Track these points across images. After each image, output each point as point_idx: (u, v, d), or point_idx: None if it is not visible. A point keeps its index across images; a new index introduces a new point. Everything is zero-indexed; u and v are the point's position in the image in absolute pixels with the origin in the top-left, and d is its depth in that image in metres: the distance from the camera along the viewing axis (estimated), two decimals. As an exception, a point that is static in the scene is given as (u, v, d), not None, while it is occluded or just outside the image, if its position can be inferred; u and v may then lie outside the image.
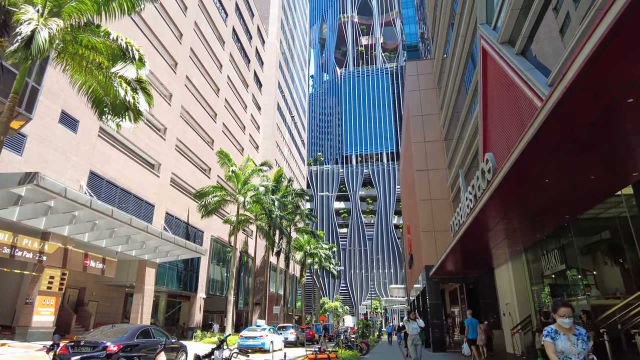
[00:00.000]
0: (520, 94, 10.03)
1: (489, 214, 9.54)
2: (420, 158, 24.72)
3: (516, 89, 10.34)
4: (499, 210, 9.27)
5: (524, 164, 7.07)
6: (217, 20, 39.45)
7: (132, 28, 25.62)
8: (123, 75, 11.49)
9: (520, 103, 10.16)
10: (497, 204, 8.93)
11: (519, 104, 10.27)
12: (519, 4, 10.00)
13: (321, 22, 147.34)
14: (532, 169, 7.23)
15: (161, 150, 28.61)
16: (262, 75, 54.47)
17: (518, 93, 10.25)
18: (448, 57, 22.99)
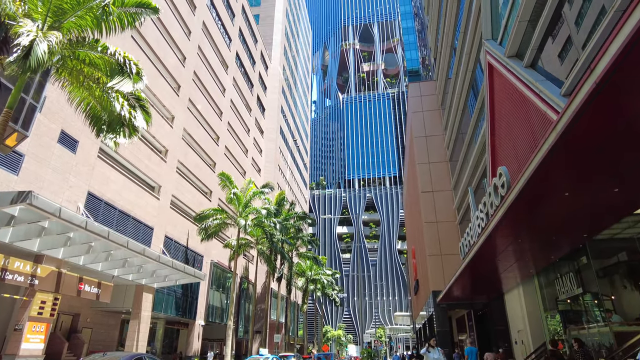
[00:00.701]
0: (532, 107, 9.63)
1: (502, 233, 8.97)
2: (425, 179, 24.25)
3: (527, 102, 9.96)
4: (514, 228, 8.71)
5: (542, 175, 6.59)
6: (220, 45, 39.94)
7: (136, 51, 25.75)
8: (119, 89, 11.21)
9: (532, 116, 9.75)
10: (512, 222, 8.38)
11: (530, 118, 9.86)
12: (527, 15, 9.76)
13: (323, 50, 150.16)
14: (550, 181, 6.73)
15: (162, 172, 28.28)
16: (265, 100, 54.83)
17: (529, 106, 9.86)
18: (452, 78, 22.87)
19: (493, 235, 9.07)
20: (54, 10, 11.37)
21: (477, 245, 10.49)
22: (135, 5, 12.74)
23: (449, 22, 20.37)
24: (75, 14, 11.28)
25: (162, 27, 29.24)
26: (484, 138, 15.80)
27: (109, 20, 12.31)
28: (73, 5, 11.09)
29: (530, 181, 6.79)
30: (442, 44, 23.27)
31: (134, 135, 12.36)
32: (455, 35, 20.04)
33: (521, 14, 9.89)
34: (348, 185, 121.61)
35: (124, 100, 12.10)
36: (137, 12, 12.73)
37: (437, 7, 24.47)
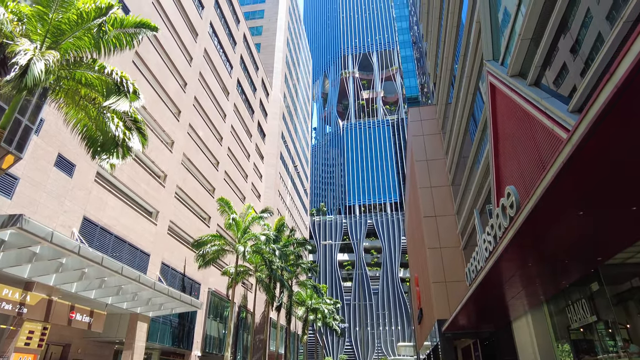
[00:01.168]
0: (537, 125, 9.37)
1: (512, 256, 8.52)
2: (427, 204, 23.85)
3: (532, 120, 9.71)
4: (524, 251, 8.27)
5: (555, 194, 6.22)
6: (222, 72, 40.39)
7: (137, 75, 25.89)
8: (115, 109, 11.01)
9: (537, 135, 9.47)
10: (522, 244, 7.94)
11: (536, 136, 9.58)
12: (529, 33, 9.65)
13: (324, 78, 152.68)
14: (564, 199, 6.36)
15: (160, 197, 27.91)
16: (266, 126, 55.10)
17: (534, 124, 9.59)
18: (452, 102, 22.85)
19: (502, 259, 8.61)
20: (53, 31, 11.33)
21: (485, 270, 10.00)
22: (134, 26, 12.73)
23: (448, 46, 20.50)
24: (74, 34, 11.23)
25: (164, 53, 29.57)
26: (487, 160, 15.52)
27: (107, 40, 12.27)
28: (71, 25, 11.04)
29: (542, 200, 6.42)
30: (442, 69, 23.38)
31: (128, 156, 12.09)
32: (455, 60, 20.12)
33: (523, 32, 9.78)
34: (349, 211, 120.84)
35: (120, 120, 11.89)
36: (135, 32, 12.69)
37: (436, 33, 24.77)
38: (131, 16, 12.80)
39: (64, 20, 10.97)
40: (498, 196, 12.97)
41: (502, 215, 9.05)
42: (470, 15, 15.49)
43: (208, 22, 37.80)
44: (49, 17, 11.30)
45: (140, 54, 26.20)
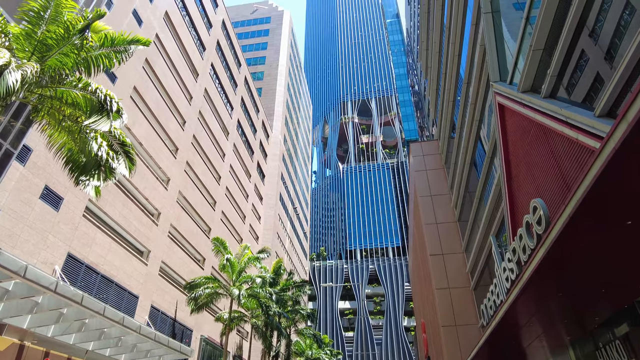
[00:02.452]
0: (557, 139, 8.52)
1: (541, 283, 7.35)
2: (433, 241, 22.60)
3: (550, 134, 8.88)
4: (556, 275, 7.11)
5: (597, 200, 5.24)
6: (222, 112, 40.45)
7: (134, 111, 25.57)
8: (97, 128, 10.22)
9: (557, 149, 8.60)
10: (554, 267, 6.82)
11: (555, 151, 8.71)
12: (542, 43, 9.07)
13: (323, 123, 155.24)
14: (607, 205, 5.36)
15: (152, 236, 26.68)
16: (266, 167, 54.66)
17: (553, 139, 8.75)
18: (455, 136, 22.28)
19: (529, 287, 7.44)
20: (40, 47, 10.83)
21: (507, 303, 8.75)
22: (126, 43, 12.27)
23: (450, 77, 20.24)
24: (60, 49, 10.70)
25: (163, 90, 29.52)
26: (497, 190, 14.58)
27: (95, 57, 11.76)
28: (58, 40, 10.54)
29: (583, 206, 5.41)
30: (443, 102, 23.06)
31: (111, 179, 11.16)
32: (457, 91, 19.74)
33: (535, 42, 9.20)
34: (350, 256, 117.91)
35: (104, 140, 11.09)
36: (126, 49, 12.21)
37: (437, 67, 24.73)
38: (123, 33, 12.38)
39: (51, 35, 10.47)
40: (513, 225, 11.90)
41: (527, 236, 7.97)
42: (472, 41, 15.20)
43: (209, 63, 38.32)
44: (36, 34, 10.86)
45: (138, 90, 26.05)
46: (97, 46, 11.90)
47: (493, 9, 12.55)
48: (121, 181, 23.88)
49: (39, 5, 10.92)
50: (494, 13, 12.56)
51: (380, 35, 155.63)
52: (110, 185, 22.60)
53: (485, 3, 12.68)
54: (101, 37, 11.96)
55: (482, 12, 12.80)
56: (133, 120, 25.44)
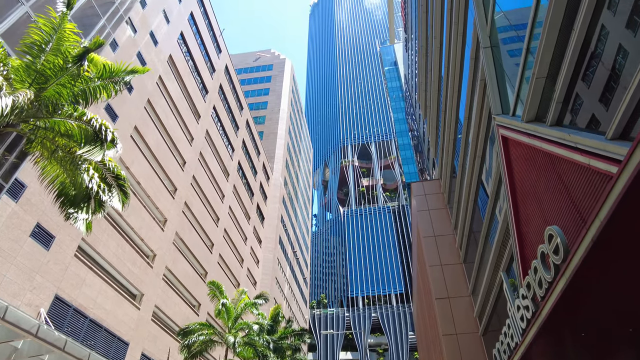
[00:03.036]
0: (566, 166, 8.14)
1: (562, 320, 6.66)
2: (439, 284, 21.62)
3: (558, 163, 8.50)
4: (580, 311, 6.44)
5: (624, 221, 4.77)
6: (223, 153, 40.55)
7: (134, 150, 25.52)
8: (89, 158, 9.90)
9: (567, 177, 8.19)
10: (577, 302, 6.18)
11: (565, 179, 8.29)
12: (544, 71, 8.92)
13: (324, 167, 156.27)
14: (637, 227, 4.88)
15: (146, 278, 25.71)
16: (265, 209, 54.09)
17: (562, 166, 8.37)
18: (457, 174, 21.98)
19: (548, 325, 6.74)
20: (38, 79, 10.76)
21: (524, 344, 7.97)
22: (125, 73, 12.29)
23: (450, 115, 20.23)
24: (57, 80, 10.61)
25: (164, 130, 29.67)
26: (503, 228, 14.01)
27: (93, 88, 11.71)
28: (56, 71, 10.47)
29: (606, 232, 4.92)
30: (444, 140, 22.96)
31: (100, 212, 10.68)
32: (458, 127, 19.65)
33: (537, 70, 9.07)
34: (351, 303, 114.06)
35: (96, 172, 10.73)
36: (125, 79, 12.22)
37: (436, 106, 24.89)
38: (121, 63, 12.43)
39: (49, 65, 10.42)
40: (523, 263, 11.25)
41: (542, 268, 7.35)
42: (472, 77, 15.25)
43: (211, 105, 38.92)
44: (36, 66, 10.83)
45: (139, 129, 26.14)
46: (94, 77, 11.90)
47: (492, 43, 12.64)
48: (116, 220, 23.34)
49: (41, 39, 10.98)
50: (493, 47, 12.65)
51: (378, 82, 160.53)
52: (105, 223, 22.09)
53: (484, 38, 12.80)
54: (100, 69, 12.00)
55: (481, 47, 12.89)
56: (132, 159, 25.32)
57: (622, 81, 6.92)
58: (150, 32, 28.80)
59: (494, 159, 14.46)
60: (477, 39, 14.05)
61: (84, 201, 10.34)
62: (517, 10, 11.35)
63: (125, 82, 12.84)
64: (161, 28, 30.36)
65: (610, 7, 6.84)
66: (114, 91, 12.58)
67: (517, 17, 11.24)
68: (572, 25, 7.77)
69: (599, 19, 7.11)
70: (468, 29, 16.02)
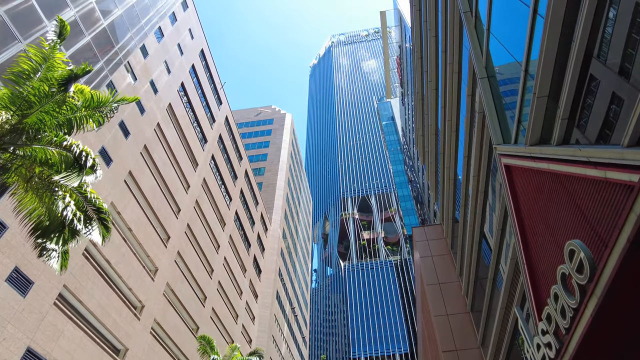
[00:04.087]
0: (579, 184, 7.50)
1: (595, 352, 5.64)
2: (445, 335, 20.05)
3: (569, 181, 7.87)
4: (616, 340, 5.46)
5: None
6: (220, 202, 39.91)
7: (127, 195, 24.92)
8: (67, 184, 9.28)
9: (580, 195, 7.52)
10: (612, 328, 5.24)
11: (578, 198, 7.61)
12: (545, 89, 8.55)
13: (324, 220, 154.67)
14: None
15: (132, 332, 23.98)
16: (262, 261, 52.39)
17: (573, 185, 7.72)
18: (459, 218, 21.24)
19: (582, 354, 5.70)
20: (22, 105, 10.42)
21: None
22: (113, 102, 12.00)
23: (449, 155, 19.88)
24: (41, 107, 10.26)
25: (160, 177, 29.25)
26: (514, 261, 13.05)
27: (80, 117, 11.36)
28: (40, 97, 10.14)
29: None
30: (444, 182, 22.46)
31: (71, 242, 9.84)
32: (458, 166, 19.20)
33: (538, 90, 8.71)
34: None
35: (73, 200, 10.04)
36: (114, 107, 11.91)
37: (434, 149, 24.69)
38: (110, 93, 12.18)
39: (34, 92, 10.12)
40: (537, 300, 10.22)
41: (564, 293, 6.39)
42: (470, 111, 15.03)
43: (210, 155, 38.92)
44: (22, 94, 10.55)
45: (133, 174, 25.72)
46: (82, 106, 11.60)
47: (489, 74, 12.51)
48: (103, 267, 22.18)
49: (30, 67, 10.80)
50: (489, 78, 12.49)
51: (377, 136, 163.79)
52: (90, 270, 20.98)
53: (480, 69, 12.69)
54: (87, 99, 11.74)
55: (477, 78, 12.74)
56: (125, 204, 24.65)
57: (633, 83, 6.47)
58: (151, 80, 29.36)
59: (497, 195, 13.82)
60: (474, 74, 13.98)
61: (57, 230, 9.55)
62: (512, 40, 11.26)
63: (112, 109, 12.51)
64: (162, 78, 31.03)
65: (610, 8, 6.56)
66: (101, 120, 12.27)
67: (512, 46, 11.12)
68: (572, 36, 7.49)
69: (600, 25, 6.82)
70: (463, 67, 16.09)
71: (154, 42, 30.48)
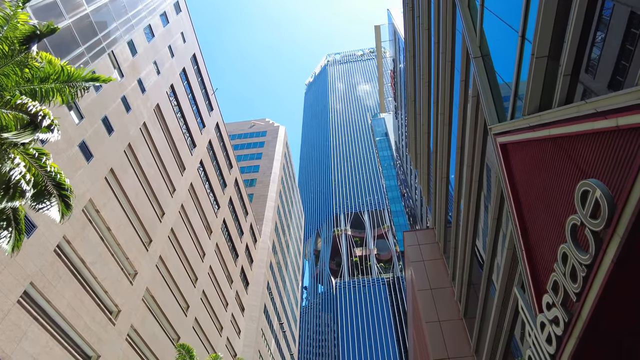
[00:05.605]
0: (585, 143, 6.74)
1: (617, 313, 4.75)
2: (437, 343, 18.93)
3: (574, 143, 7.11)
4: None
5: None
6: (207, 209, 38.80)
7: (107, 193, 23.86)
8: (17, 140, 8.36)
9: (587, 156, 6.75)
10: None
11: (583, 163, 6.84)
12: (545, 49, 7.87)
13: (316, 236, 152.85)
14: None
15: (106, 337, 22.53)
16: (250, 274, 50.89)
17: (579, 147, 6.95)
18: (452, 221, 20.43)
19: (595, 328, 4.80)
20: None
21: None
22: (85, 80, 11.16)
23: (442, 152, 19.19)
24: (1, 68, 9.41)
25: (144, 178, 28.24)
26: (511, 251, 12.17)
27: (45, 90, 10.52)
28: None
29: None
30: (436, 185, 21.72)
31: (18, 200, 8.83)
32: (451, 163, 18.48)
33: (537, 50, 8.04)
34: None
35: (22, 162, 9.06)
36: (85, 85, 11.09)
37: (427, 152, 24.05)
38: (82, 69, 11.38)
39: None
40: (537, 291, 9.32)
41: (575, 248, 5.47)
42: (463, 98, 14.39)
43: (198, 160, 38.03)
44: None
45: (115, 172, 24.73)
46: (50, 77, 10.78)
47: (483, 53, 11.91)
48: (76, 265, 20.94)
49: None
50: (484, 57, 11.89)
51: (370, 152, 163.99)
52: (61, 267, 19.77)
53: (475, 49, 12.10)
54: (57, 70, 10.92)
55: (471, 58, 12.14)
56: (104, 202, 23.58)
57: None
58: (139, 79, 28.68)
59: (492, 182, 13.06)
60: (467, 57, 13.42)
61: (5, 190, 8.54)
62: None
63: (84, 87, 11.70)
64: (150, 77, 30.37)
65: None
66: (71, 97, 11.44)
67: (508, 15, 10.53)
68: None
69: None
70: (456, 54, 15.53)
71: (144, 41, 29.94)
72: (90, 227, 22.21)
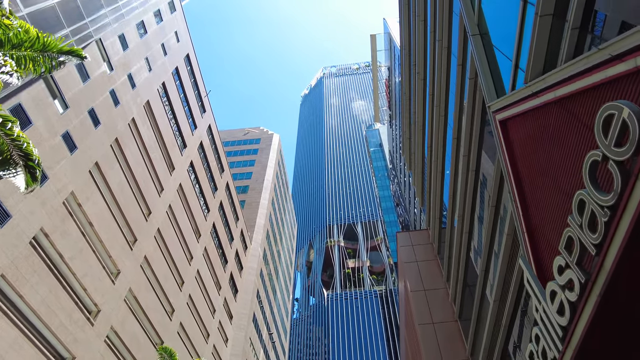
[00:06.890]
0: (594, 99, 6.15)
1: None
2: (430, 346, 18.06)
3: (583, 101, 6.52)
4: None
5: None
6: (196, 211, 37.85)
7: (91, 188, 22.98)
8: None
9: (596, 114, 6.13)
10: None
11: (591, 122, 6.22)
12: (550, 6, 7.35)
13: (308, 247, 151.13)
14: None
15: (83, 337, 21.37)
16: (240, 281, 49.65)
17: (587, 105, 6.36)
18: (446, 223, 19.79)
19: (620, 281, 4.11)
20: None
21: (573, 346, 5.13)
22: (61, 52, 10.59)
23: (437, 148, 18.65)
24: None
25: (131, 175, 27.39)
26: (510, 237, 11.51)
27: (17, 57, 9.91)
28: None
29: None
30: (431, 184, 21.13)
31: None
32: (446, 157, 17.91)
33: (541, 9, 7.51)
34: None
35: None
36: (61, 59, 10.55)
37: (421, 151, 23.52)
38: (60, 39, 10.80)
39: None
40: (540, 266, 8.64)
41: (594, 190, 4.74)
42: (460, 82, 13.90)
43: (189, 160, 37.25)
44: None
45: (100, 166, 23.91)
46: (23, 42, 10.18)
47: (481, 31, 11.44)
48: (53, 259, 19.92)
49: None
50: (482, 35, 11.41)
51: (364, 163, 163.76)
52: (37, 261, 18.77)
53: (473, 27, 11.63)
54: (32, 38, 10.35)
55: (469, 36, 11.66)
56: (87, 196, 22.70)
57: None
58: (129, 74, 28.07)
59: (488, 174, 12.47)
60: (464, 40, 12.96)
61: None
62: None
63: (61, 61, 11.15)
64: (141, 73, 29.78)
65: None
66: (45, 68, 10.87)
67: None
68: None
69: None
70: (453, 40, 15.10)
71: (136, 36, 29.44)
72: (70, 221, 21.27)
